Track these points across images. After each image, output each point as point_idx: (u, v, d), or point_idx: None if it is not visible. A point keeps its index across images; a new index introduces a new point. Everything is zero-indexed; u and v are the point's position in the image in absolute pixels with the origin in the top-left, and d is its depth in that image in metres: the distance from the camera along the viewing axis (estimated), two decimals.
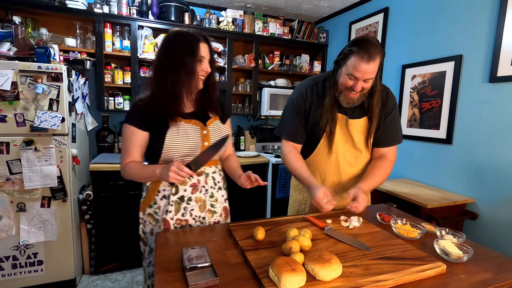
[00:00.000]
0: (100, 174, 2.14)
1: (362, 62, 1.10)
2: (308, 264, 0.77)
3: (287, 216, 1.21)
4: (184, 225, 1.14)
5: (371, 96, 1.26)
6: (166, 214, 1.12)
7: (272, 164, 2.64)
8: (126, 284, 2.14)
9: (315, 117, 1.30)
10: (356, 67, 1.12)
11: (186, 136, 1.10)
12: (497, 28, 1.64)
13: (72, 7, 2.25)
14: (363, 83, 1.15)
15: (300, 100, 1.32)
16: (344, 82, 1.19)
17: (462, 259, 0.89)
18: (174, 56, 1.05)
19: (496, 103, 1.67)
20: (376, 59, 1.11)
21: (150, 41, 2.49)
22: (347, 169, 1.37)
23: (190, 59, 1.05)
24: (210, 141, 1.15)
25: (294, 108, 1.34)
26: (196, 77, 1.07)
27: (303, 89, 1.33)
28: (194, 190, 1.15)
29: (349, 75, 1.15)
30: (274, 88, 2.97)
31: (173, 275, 0.76)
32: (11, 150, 1.75)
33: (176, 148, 1.09)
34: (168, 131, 1.08)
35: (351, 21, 2.80)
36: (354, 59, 1.12)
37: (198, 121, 1.15)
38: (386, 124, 1.33)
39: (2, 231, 1.80)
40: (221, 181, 1.25)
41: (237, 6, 2.89)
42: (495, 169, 1.68)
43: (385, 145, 1.36)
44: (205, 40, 1.09)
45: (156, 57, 1.09)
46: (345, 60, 1.16)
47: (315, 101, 1.30)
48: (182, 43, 1.05)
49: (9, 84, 1.69)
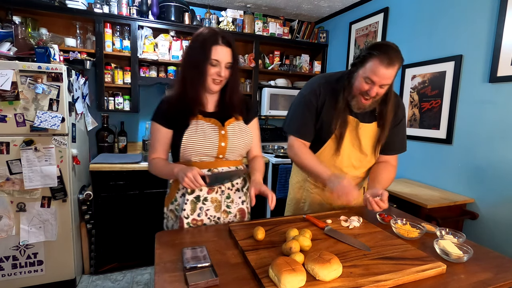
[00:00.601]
0: (100, 174, 2.14)
1: (382, 66, 1.08)
2: (308, 264, 0.76)
3: (286, 216, 1.21)
4: (200, 225, 1.16)
5: (385, 103, 1.24)
6: (182, 212, 1.14)
7: (272, 164, 2.64)
8: (126, 284, 2.14)
9: (326, 117, 1.27)
10: (375, 70, 1.09)
11: (203, 135, 1.11)
12: (497, 28, 1.64)
13: (72, 7, 2.25)
14: (378, 89, 1.13)
15: (312, 96, 1.28)
16: (359, 86, 1.16)
17: (462, 259, 0.89)
18: (190, 56, 1.08)
19: (496, 103, 1.67)
20: (395, 65, 1.09)
21: (150, 41, 2.49)
22: (350, 171, 1.36)
23: (201, 60, 1.05)
24: (228, 142, 1.14)
25: (306, 104, 1.29)
26: (207, 79, 1.07)
27: (315, 85, 1.29)
28: (210, 190, 1.16)
29: (366, 79, 1.13)
30: (274, 88, 2.97)
31: (173, 275, 0.77)
32: (11, 150, 1.75)
33: (193, 146, 1.10)
34: (187, 129, 1.11)
35: (351, 21, 2.80)
36: (374, 62, 1.09)
37: (217, 120, 1.15)
38: (394, 133, 1.32)
39: (2, 231, 1.80)
40: (240, 183, 1.24)
41: (237, 6, 2.89)
42: (495, 169, 1.68)
43: (391, 153, 1.36)
44: (225, 44, 1.06)
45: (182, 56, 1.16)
46: (363, 63, 1.14)
47: (327, 100, 1.27)
48: (198, 43, 1.06)
49: (9, 84, 1.69)
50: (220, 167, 1.17)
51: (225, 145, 1.14)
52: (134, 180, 2.23)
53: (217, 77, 1.08)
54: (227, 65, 1.08)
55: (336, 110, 1.25)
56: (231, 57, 1.08)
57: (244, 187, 1.26)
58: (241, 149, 1.20)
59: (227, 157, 1.17)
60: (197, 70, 1.06)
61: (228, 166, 1.19)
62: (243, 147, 1.20)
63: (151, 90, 2.82)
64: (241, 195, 1.24)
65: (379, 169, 1.35)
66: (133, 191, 2.25)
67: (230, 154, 1.17)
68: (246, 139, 1.20)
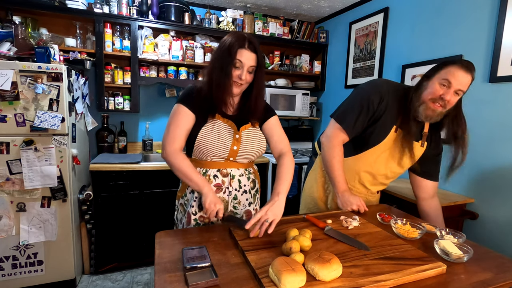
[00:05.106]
0: (100, 174, 2.14)
1: (461, 70, 1.10)
2: (308, 264, 0.76)
3: (287, 216, 1.21)
4: (207, 223, 1.18)
5: (457, 124, 1.24)
6: (190, 208, 1.17)
7: (272, 164, 2.64)
8: (126, 284, 2.14)
9: (382, 127, 1.27)
10: (454, 73, 1.11)
11: (218, 135, 1.13)
12: (497, 28, 1.64)
13: (72, 7, 2.25)
14: (452, 95, 1.13)
15: (376, 98, 1.25)
16: (433, 91, 1.16)
17: (462, 259, 0.89)
18: (217, 58, 1.09)
19: (496, 103, 1.67)
20: (472, 73, 1.12)
21: (150, 41, 2.49)
22: (382, 179, 1.41)
23: (226, 61, 1.05)
24: (240, 146, 1.16)
25: (367, 102, 1.26)
26: (230, 80, 1.07)
27: (383, 89, 1.27)
28: (218, 190, 1.17)
29: (443, 80, 1.13)
30: (274, 88, 2.97)
31: (173, 275, 0.76)
32: (11, 150, 1.75)
33: (206, 144, 1.12)
34: (204, 126, 1.13)
35: (351, 21, 2.80)
36: (452, 67, 1.12)
37: (233, 123, 1.16)
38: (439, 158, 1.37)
39: (2, 231, 1.80)
40: (249, 185, 1.24)
41: (237, 6, 2.89)
42: (495, 169, 1.68)
43: (431, 178, 1.41)
44: (250, 49, 1.06)
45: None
46: (439, 70, 1.15)
47: (388, 110, 1.26)
48: (226, 46, 1.06)
49: (9, 84, 1.69)
50: (229, 168, 1.19)
51: (237, 149, 1.16)
52: (134, 180, 2.23)
53: (238, 79, 1.08)
54: (250, 69, 1.08)
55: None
56: (255, 62, 1.09)
57: (252, 189, 1.27)
58: (252, 154, 1.21)
59: (237, 160, 1.19)
60: (221, 71, 1.07)
61: (238, 167, 1.20)
62: (255, 153, 1.21)
63: (151, 90, 2.82)
64: (248, 197, 1.25)
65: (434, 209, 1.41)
66: (133, 191, 2.25)
67: (241, 158, 1.19)
68: (258, 146, 1.21)
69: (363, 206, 1.29)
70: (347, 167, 1.39)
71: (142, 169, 2.23)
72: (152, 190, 2.30)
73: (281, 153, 1.23)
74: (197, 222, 1.17)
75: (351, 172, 1.40)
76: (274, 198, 1.06)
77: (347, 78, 2.87)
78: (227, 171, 1.18)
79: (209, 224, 1.18)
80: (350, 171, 1.40)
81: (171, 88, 2.78)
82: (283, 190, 1.09)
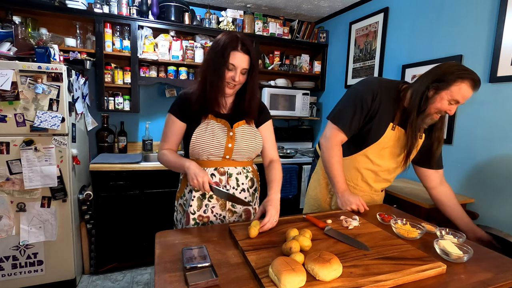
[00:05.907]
0: (100, 174, 2.14)
1: (471, 91, 1.12)
2: (308, 264, 0.76)
3: (287, 216, 1.21)
4: (206, 222, 1.18)
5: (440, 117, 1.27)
6: (189, 208, 1.17)
7: None
8: (126, 284, 2.14)
9: (378, 123, 1.29)
10: (464, 94, 1.12)
11: (212, 134, 1.14)
12: (497, 28, 1.64)
13: (72, 7, 2.25)
14: (455, 108, 1.18)
15: (368, 97, 1.27)
16: (441, 106, 1.16)
17: (462, 259, 0.89)
18: (210, 60, 1.10)
19: (496, 103, 1.67)
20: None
21: (150, 41, 2.49)
22: (384, 175, 1.41)
23: (219, 63, 1.06)
24: (235, 143, 1.17)
25: (361, 101, 1.28)
26: (223, 82, 1.09)
27: (375, 87, 1.28)
28: None
29: (453, 100, 1.14)
30: (274, 88, 2.97)
31: (173, 275, 0.76)
32: (11, 150, 1.75)
33: (201, 144, 1.14)
34: (198, 127, 1.15)
35: (351, 21, 2.80)
36: (464, 86, 1.11)
37: (226, 122, 1.17)
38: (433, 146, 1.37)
39: (2, 231, 1.80)
40: (247, 183, 1.25)
41: (237, 6, 2.89)
42: (495, 169, 1.67)
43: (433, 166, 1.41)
44: (243, 51, 1.07)
45: None
46: (449, 85, 1.13)
47: (383, 107, 1.27)
48: (219, 47, 1.07)
49: (9, 84, 1.69)
50: (226, 167, 1.19)
51: (232, 146, 1.16)
52: (134, 180, 2.23)
53: (231, 81, 1.10)
54: (243, 71, 1.10)
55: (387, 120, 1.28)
56: (248, 64, 1.10)
57: (251, 188, 1.27)
58: (249, 152, 1.21)
59: (234, 158, 1.19)
60: (216, 73, 1.08)
61: (235, 166, 1.21)
62: (251, 150, 1.21)
63: (151, 90, 2.82)
64: (247, 195, 1.25)
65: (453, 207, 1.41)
66: (133, 191, 2.25)
67: (237, 156, 1.19)
68: (254, 143, 1.21)
69: (363, 205, 1.29)
70: (349, 165, 1.40)
71: (142, 169, 2.23)
72: (152, 190, 2.31)
73: (272, 160, 1.29)
74: (196, 221, 1.17)
75: (353, 170, 1.41)
76: (275, 199, 1.13)
77: (347, 78, 2.87)
78: (224, 170, 1.19)
79: (209, 224, 1.18)
80: (352, 170, 1.41)
81: (171, 88, 2.78)
82: (279, 191, 1.19)
